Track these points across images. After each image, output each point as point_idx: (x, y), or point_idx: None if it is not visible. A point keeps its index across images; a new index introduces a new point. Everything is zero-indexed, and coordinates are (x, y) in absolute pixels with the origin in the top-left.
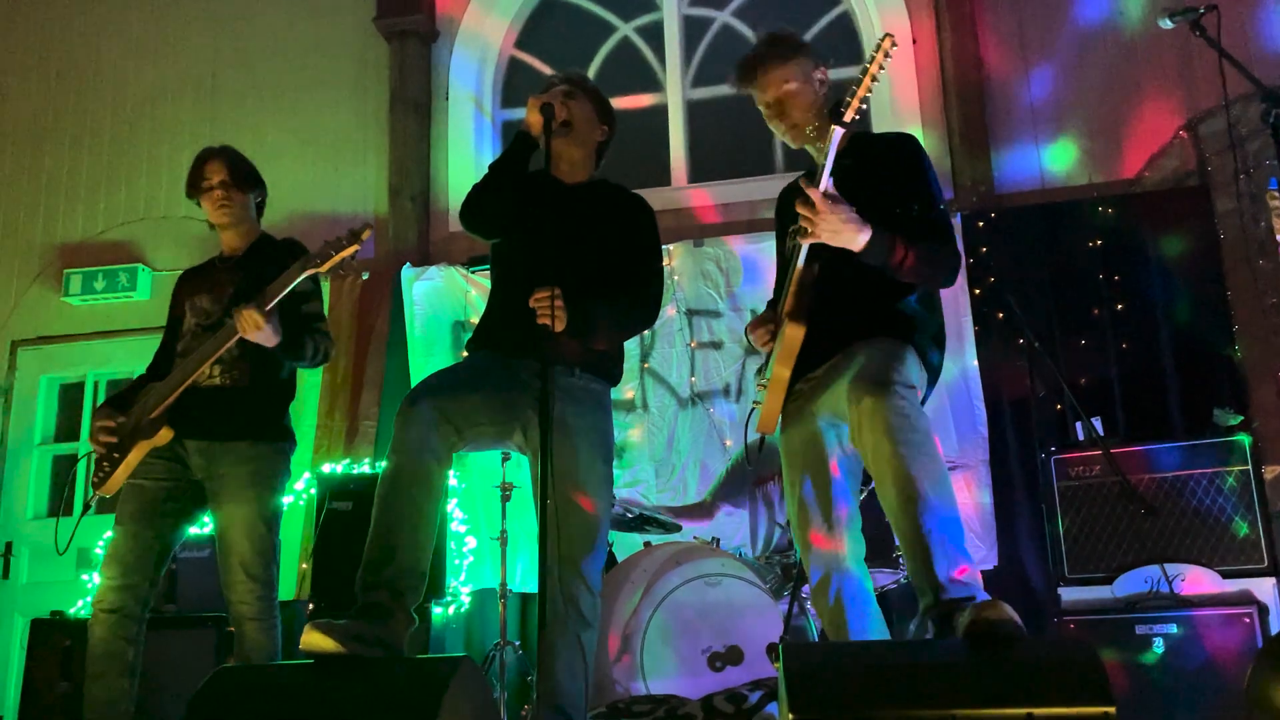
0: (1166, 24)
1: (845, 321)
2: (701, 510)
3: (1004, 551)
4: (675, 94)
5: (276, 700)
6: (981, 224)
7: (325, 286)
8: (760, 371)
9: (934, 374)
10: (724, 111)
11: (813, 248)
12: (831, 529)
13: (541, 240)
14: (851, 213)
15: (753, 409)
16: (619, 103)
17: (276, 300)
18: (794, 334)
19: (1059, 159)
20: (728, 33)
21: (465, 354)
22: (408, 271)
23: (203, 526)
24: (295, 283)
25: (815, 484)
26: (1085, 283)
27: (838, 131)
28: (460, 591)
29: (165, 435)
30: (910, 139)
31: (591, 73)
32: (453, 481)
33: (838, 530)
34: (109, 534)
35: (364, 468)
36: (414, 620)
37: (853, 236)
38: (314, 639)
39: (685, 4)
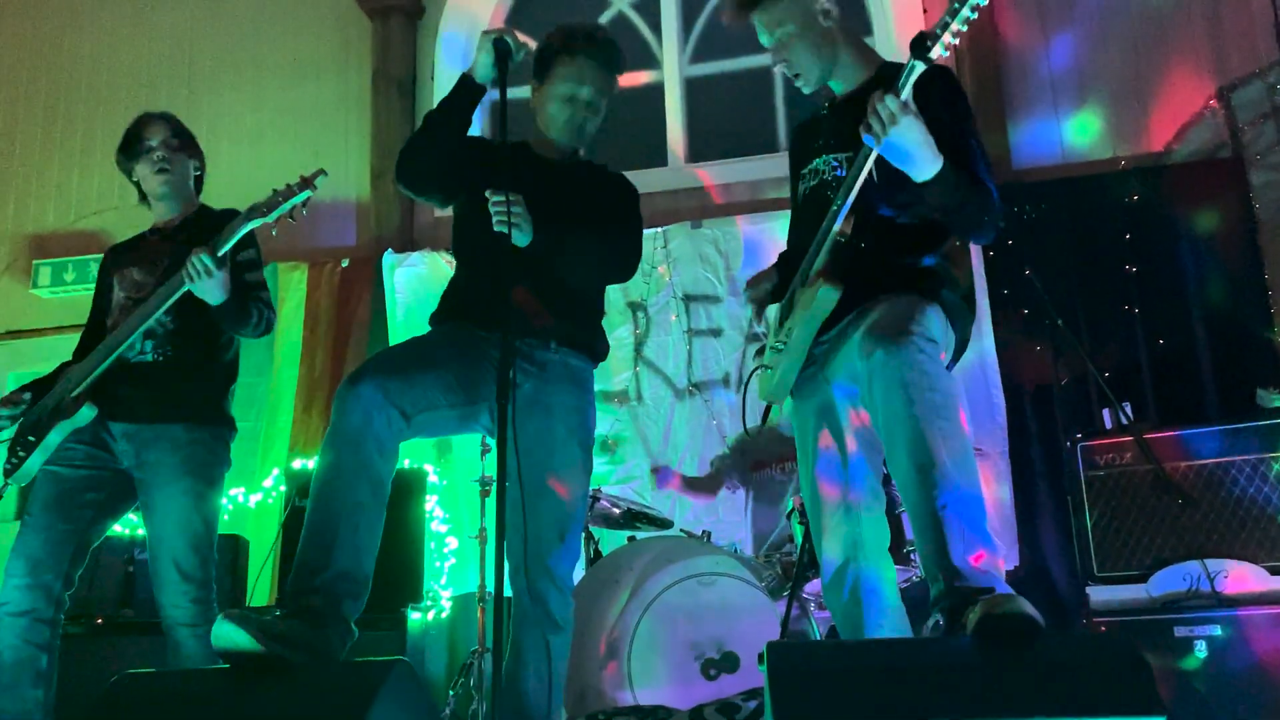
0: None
1: (863, 278)
2: (709, 483)
3: (1025, 549)
4: (672, 70)
5: (182, 709)
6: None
7: (303, 274)
8: (771, 335)
9: (961, 343)
10: (724, 88)
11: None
12: (848, 513)
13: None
14: (928, 134)
15: (755, 371)
16: None
17: (228, 246)
18: (828, 297)
19: (1081, 131)
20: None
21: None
22: (389, 258)
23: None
24: (243, 230)
25: (830, 460)
26: (1111, 261)
27: (917, 66)
28: (441, 596)
29: (87, 414)
30: (946, 72)
31: None
32: (433, 478)
33: (855, 514)
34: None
35: None
36: (352, 632)
37: (927, 161)
38: (226, 633)
39: None
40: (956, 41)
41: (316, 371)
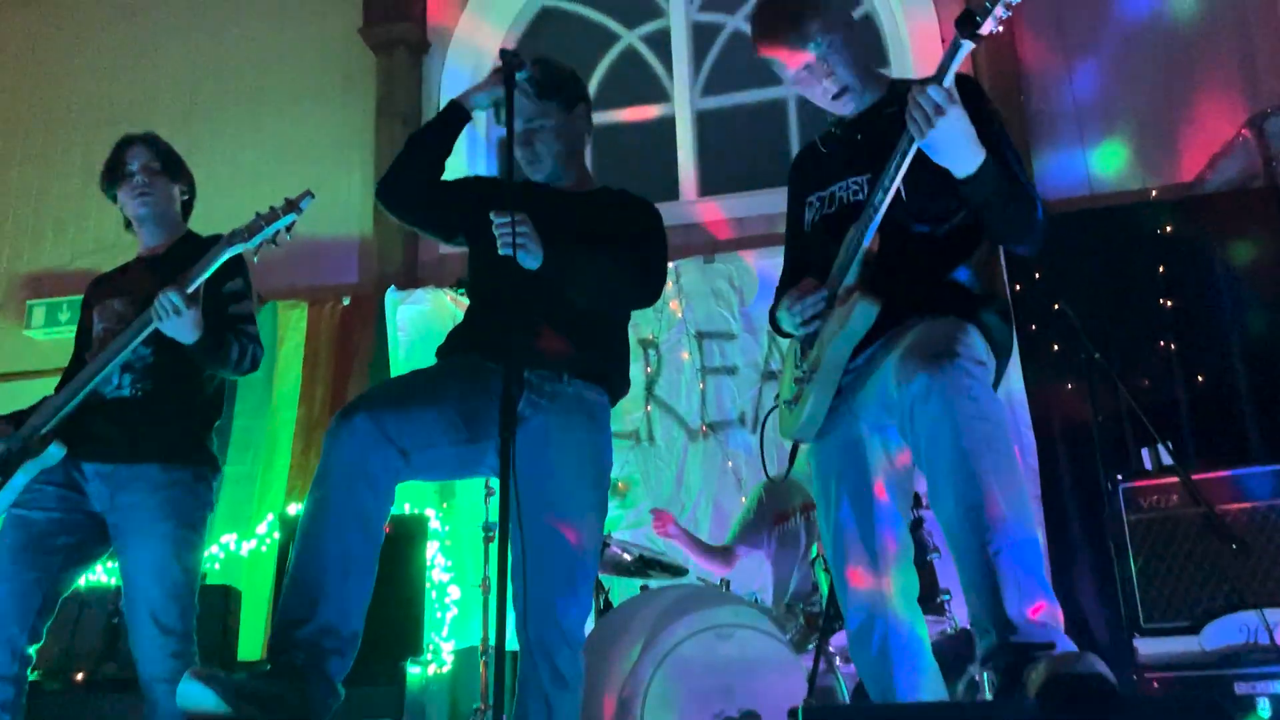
0: None
1: (892, 298)
2: (722, 555)
3: (1061, 599)
4: (683, 104)
5: None
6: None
7: (303, 313)
8: (789, 368)
9: (1002, 363)
10: (736, 121)
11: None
12: (875, 561)
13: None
14: (970, 124)
15: (773, 410)
16: (623, 115)
17: (199, 281)
18: (867, 312)
19: (1108, 161)
20: (740, 39)
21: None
22: (393, 295)
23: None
24: (220, 260)
25: (856, 505)
26: (1145, 294)
27: (965, 46)
28: (442, 649)
29: (55, 454)
30: (971, 81)
31: (594, 83)
32: (435, 524)
33: (883, 563)
34: None
35: None
36: (337, 693)
37: (970, 153)
38: (192, 693)
39: (694, 10)
40: (1009, 15)
41: (316, 413)
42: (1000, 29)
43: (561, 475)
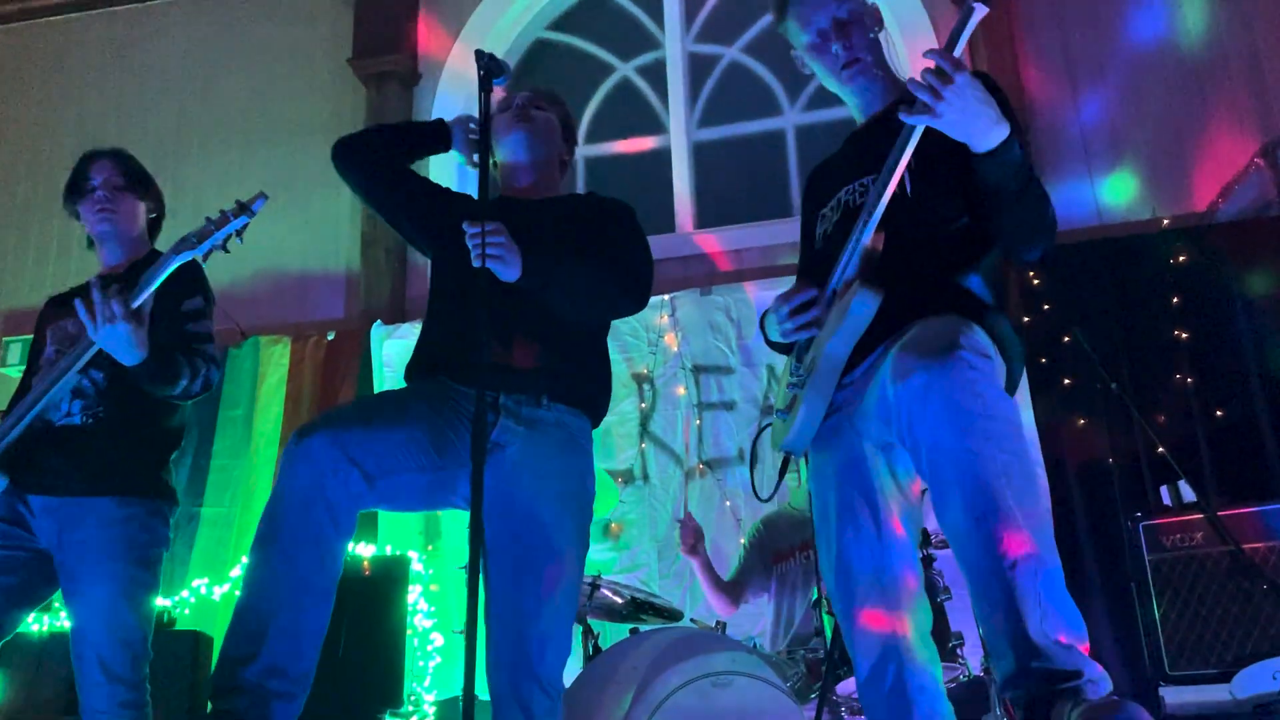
0: None
1: (892, 301)
2: (731, 589)
3: None
4: (680, 135)
5: None
6: (1032, 263)
7: (286, 348)
8: (783, 381)
9: (1012, 373)
10: (733, 152)
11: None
12: (888, 598)
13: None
14: (988, 94)
15: (766, 426)
16: (619, 146)
17: (147, 293)
18: (867, 301)
19: (1118, 191)
20: (736, 69)
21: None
22: (378, 329)
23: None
24: (169, 269)
25: (862, 534)
26: (1159, 326)
27: (979, 11)
28: (424, 699)
29: None
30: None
31: (589, 115)
32: (417, 566)
33: (893, 597)
34: None
35: None
36: None
37: (991, 123)
38: None
39: (690, 41)
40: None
41: None
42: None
43: (540, 508)
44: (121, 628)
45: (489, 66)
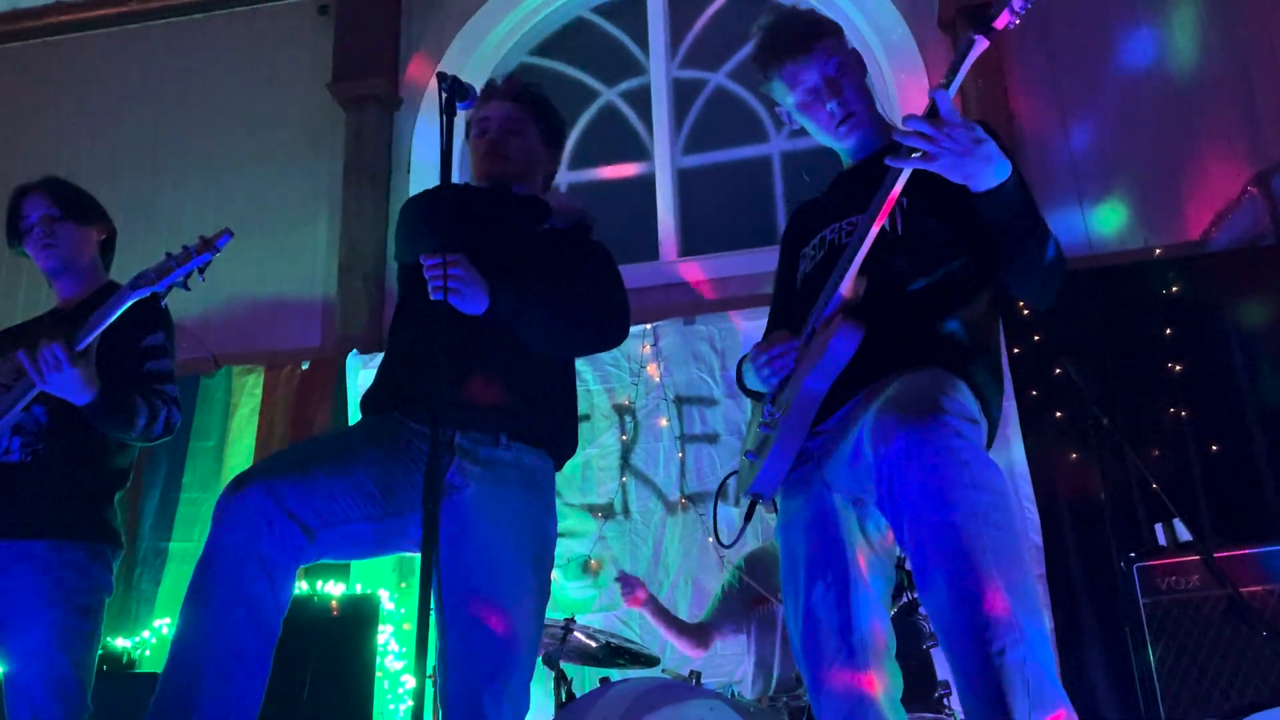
0: None
1: (872, 348)
2: (698, 633)
3: (1070, 688)
4: (664, 161)
5: None
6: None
7: (259, 378)
8: (752, 423)
9: (993, 426)
10: (718, 179)
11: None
12: (856, 657)
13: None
14: (986, 135)
15: (736, 473)
16: (603, 172)
17: (95, 333)
18: (848, 337)
19: (1108, 220)
20: (721, 95)
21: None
22: (354, 359)
23: None
24: (123, 307)
25: (830, 590)
26: (1152, 358)
27: (979, 44)
28: None
29: None
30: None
31: (572, 141)
32: (388, 605)
33: (863, 658)
34: None
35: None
36: None
37: (991, 162)
38: None
39: (675, 67)
40: (1027, 8)
41: None
42: (1017, 22)
43: (497, 554)
44: (57, 680)
45: (452, 89)
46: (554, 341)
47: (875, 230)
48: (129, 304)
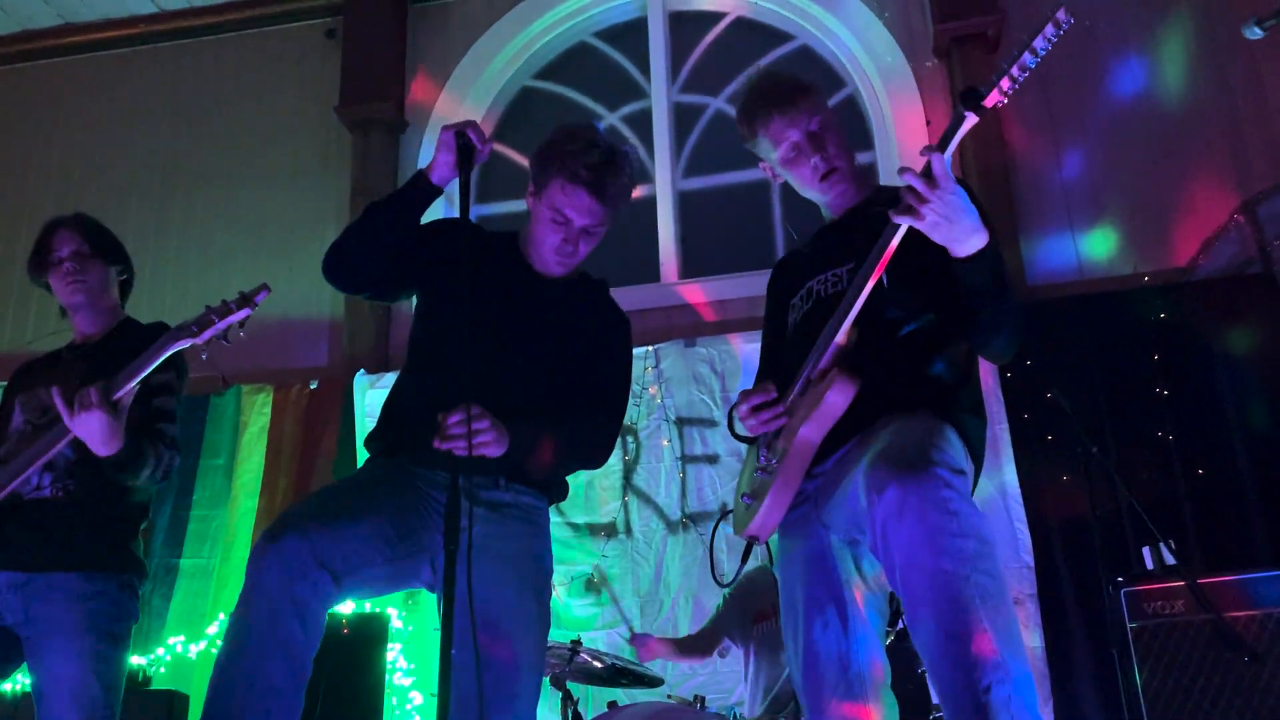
0: (1255, 33)
1: (864, 396)
2: (701, 643)
3: (1061, 710)
4: (665, 184)
5: None
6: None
7: (268, 397)
8: (748, 464)
9: (978, 465)
10: (718, 202)
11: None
12: (851, 688)
13: (488, 328)
14: (971, 204)
15: (730, 512)
16: None
17: (134, 383)
18: (844, 389)
19: (1098, 246)
20: (721, 120)
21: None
22: (361, 379)
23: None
24: (163, 357)
25: (829, 626)
26: (1139, 383)
27: (969, 120)
28: None
29: None
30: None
31: None
32: (397, 623)
33: (861, 691)
34: None
35: None
36: None
37: (972, 230)
38: None
39: (675, 91)
40: (1017, 87)
41: (278, 503)
42: (1005, 101)
43: (501, 590)
44: (88, 704)
45: (463, 143)
46: (545, 472)
47: (871, 283)
48: (167, 355)
